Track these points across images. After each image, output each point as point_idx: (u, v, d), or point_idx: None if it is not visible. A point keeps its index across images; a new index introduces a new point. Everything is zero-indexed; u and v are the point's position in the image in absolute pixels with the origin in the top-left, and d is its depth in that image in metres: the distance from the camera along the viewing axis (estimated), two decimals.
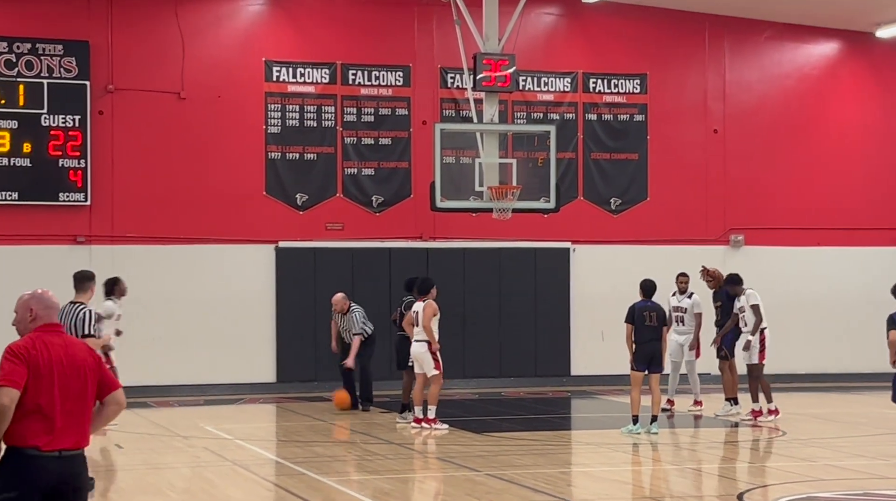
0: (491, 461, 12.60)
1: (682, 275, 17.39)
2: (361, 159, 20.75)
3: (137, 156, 19.78)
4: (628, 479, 12.24)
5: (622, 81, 21.80)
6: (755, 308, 15.99)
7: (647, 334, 14.72)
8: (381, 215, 20.83)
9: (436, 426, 15.03)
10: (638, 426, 14.63)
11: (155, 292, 19.61)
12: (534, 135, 19.69)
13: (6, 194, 19.04)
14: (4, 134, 18.99)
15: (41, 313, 6.16)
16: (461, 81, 20.10)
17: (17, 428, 5.89)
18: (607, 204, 21.77)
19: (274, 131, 20.39)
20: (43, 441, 5.90)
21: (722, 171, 22.21)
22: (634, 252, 21.48)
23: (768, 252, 22.15)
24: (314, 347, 19.90)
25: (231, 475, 11.91)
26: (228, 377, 19.93)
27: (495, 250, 21.04)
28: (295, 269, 20.24)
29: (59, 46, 19.23)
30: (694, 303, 17.17)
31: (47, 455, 5.91)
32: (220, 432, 15.23)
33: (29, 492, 5.89)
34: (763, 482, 11.70)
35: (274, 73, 20.38)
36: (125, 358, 19.05)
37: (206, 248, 19.99)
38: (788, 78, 22.66)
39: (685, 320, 17.19)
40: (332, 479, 11.43)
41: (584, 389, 20.62)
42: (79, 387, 6.01)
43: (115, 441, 14.16)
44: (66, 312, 11.05)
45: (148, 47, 19.89)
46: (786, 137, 22.51)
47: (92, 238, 19.50)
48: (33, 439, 5.90)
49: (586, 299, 21.19)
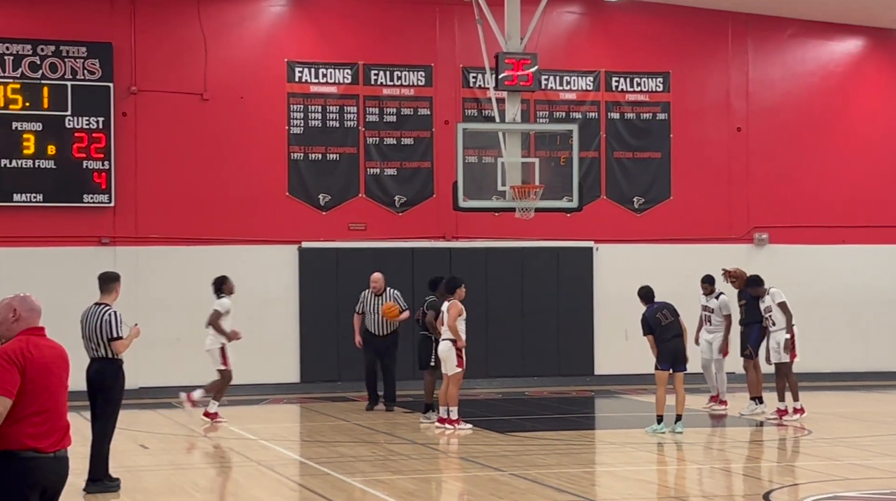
0: (515, 460, 12.59)
1: (704, 283, 17.24)
2: (384, 159, 20.77)
3: (161, 157, 19.85)
4: (653, 479, 12.21)
5: (645, 80, 21.75)
6: (783, 306, 15.90)
7: (667, 332, 14.68)
8: (404, 214, 20.84)
9: (459, 427, 15.03)
10: (662, 426, 14.59)
11: (178, 293, 19.68)
12: (556, 134, 19.66)
13: (31, 195, 19.14)
14: (29, 136, 19.08)
15: (25, 315, 6.08)
16: (483, 80, 20.08)
17: (14, 431, 5.84)
18: (630, 203, 21.72)
19: (296, 132, 20.43)
20: (41, 443, 5.88)
21: (745, 169, 22.13)
22: (658, 251, 21.43)
23: (792, 250, 22.05)
24: (337, 347, 19.92)
25: (256, 475, 11.94)
26: (252, 378, 19.95)
27: (518, 249, 21.02)
28: (318, 269, 20.27)
29: (83, 48, 19.32)
30: (721, 304, 17.09)
31: (45, 456, 5.89)
32: (244, 432, 15.26)
33: (28, 496, 5.85)
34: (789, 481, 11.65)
35: (296, 73, 20.42)
36: (150, 359, 19.19)
37: (230, 248, 20.05)
38: (812, 75, 22.56)
39: (712, 319, 17.13)
40: (357, 479, 11.44)
41: (607, 388, 20.57)
42: (64, 389, 6.06)
43: (141, 442, 14.22)
44: (91, 313, 11.06)
45: (171, 49, 19.96)
46: (809, 135, 22.41)
47: (116, 239, 19.58)
48: (32, 441, 5.87)
49: (610, 299, 21.14)
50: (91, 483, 10.93)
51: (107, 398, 10.94)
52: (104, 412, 10.99)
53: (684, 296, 18.83)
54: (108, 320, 10.91)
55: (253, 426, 15.83)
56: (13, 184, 19.03)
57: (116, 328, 10.92)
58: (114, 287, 11.15)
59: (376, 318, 17.27)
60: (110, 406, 10.98)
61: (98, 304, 11.09)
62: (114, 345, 10.89)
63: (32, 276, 19.05)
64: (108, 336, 10.88)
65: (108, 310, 11.00)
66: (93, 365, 11.03)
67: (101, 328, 10.91)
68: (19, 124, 19.06)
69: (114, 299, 11.15)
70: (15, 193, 19.06)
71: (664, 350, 14.66)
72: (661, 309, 14.80)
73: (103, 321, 10.91)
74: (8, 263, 19.06)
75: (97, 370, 10.98)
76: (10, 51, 19.05)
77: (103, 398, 10.95)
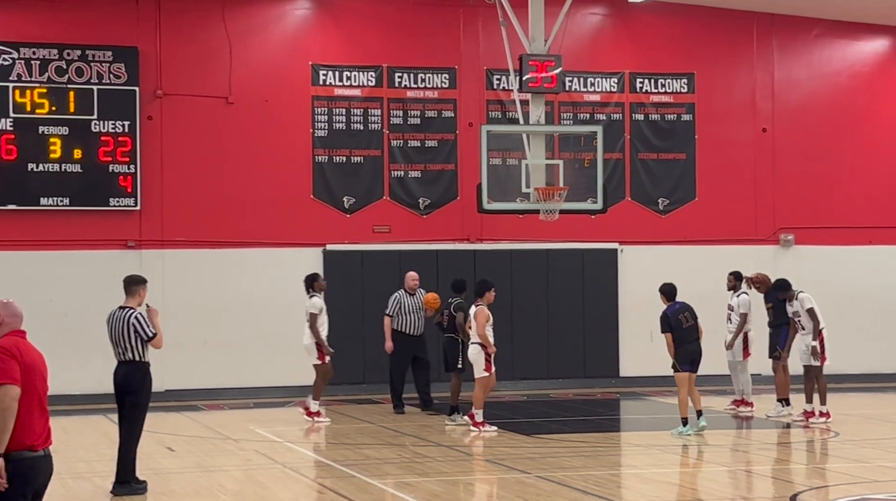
0: (541, 463, 12.57)
1: (729, 274, 17.27)
2: (408, 162, 20.78)
3: (186, 160, 19.93)
4: (679, 481, 12.16)
5: (669, 81, 21.69)
6: (811, 312, 15.79)
7: (686, 335, 14.65)
8: (428, 217, 20.85)
9: (484, 429, 15.01)
10: (689, 428, 14.54)
11: (204, 296, 19.75)
12: (580, 136, 19.63)
13: (58, 199, 19.24)
14: (56, 140, 19.19)
15: (8, 319, 6.30)
16: (507, 82, 20.07)
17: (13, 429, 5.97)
18: (655, 204, 21.66)
19: (321, 135, 20.47)
20: (35, 441, 6.01)
21: (771, 170, 22.04)
22: (683, 253, 21.36)
23: (819, 251, 21.94)
24: (362, 349, 19.94)
25: (282, 477, 11.96)
26: (278, 380, 20.01)
27: (542, 251, 21.00)
28: (342, 271, 20.30)
29: (109, 53, 19.41)
30: (741, 302, 17.02)
31: (38, 454, 6.02)
32: (270, 434, 15.30)
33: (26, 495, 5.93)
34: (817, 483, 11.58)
35: (320, 76, 20.46)
36: (176, 362, 19.25)
37: (255, 251, 20.11)
38: (838, 75, 22.45)
39: (732, 318, 17.07)
40: (382, 481, 11.45)
41: (632, 390, 20.52)
42: (46, 389, 6.29)
43: (167, 444, 14.27)
44: (116, 317, 11.10)
45: (196, 53, 20.04)
46: (835, 135, 22.30)
47: (142, 243, 19.67)
48: (29, 439, 5.99)
49: (635, 300, 21.08)
50: (118, 486, 10.97)
51: (134, 401, 10.99)
52: (131, 414, 11.04)
53: (709, 298, 18.81)
54: (134, 323, 10.94)
55: (279, 429, 15.87)
56: (40, 188, 19.14)
57: (147, 328, 10.96)
58: (137, 291, 11.16)
59: (413, 318, 17.23)
60: (137, 409, 11.03)
61: (122, 307, 11.13)
62: (153, 344, 10.97)
63: (59, 279, 19.18)
64: (143, 338, 10.94)
65: (133, 313, 11.04)
66: (120, 369, 11.08)
67: (128, 332, 10.95)
68: (46, 129, 19.17)
69: (138, 303, 11.18)
70: (42, 196, 19.17)
71: (683, 352, 14.63)
72: (682, 311, 14.76)
73: (130, 325, 10.95)
74: (35, 266, 19.17)
75: (125, 374, 11.02)
76: (36, 55, 19.17)
77: (131, 402, 11.01)
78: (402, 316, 17.29)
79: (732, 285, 17.18)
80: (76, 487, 11.46)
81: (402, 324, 17.29)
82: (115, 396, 11.15)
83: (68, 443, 14.76)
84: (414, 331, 17.25)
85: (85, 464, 12.94)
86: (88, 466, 12.80)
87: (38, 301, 19.12)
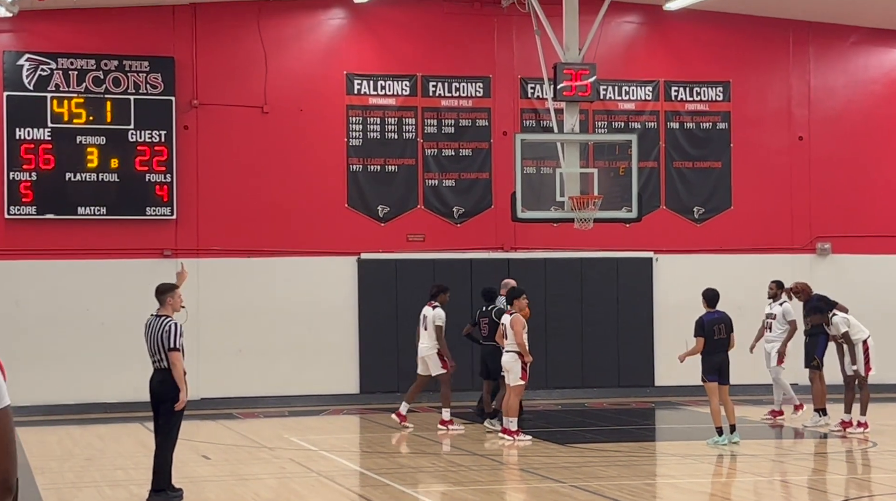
0: (575, 472, 12.53)
1: (772, 282, 17.20)
2: (442, 171, 20.80)
3: (222, 170, 20.03)
4: (715, 491, 12.09)
5: (705, 89, 21.61)
6: (846, 337, 15.64)
7: (715, 346, 14.59)
8: (462, 226, 20.86)
9: (519, 438, 14.99)
10: (724, 438, 14.47)
11: (239, 305, 19.83)
12: (615, 144, 19.56)
13: (95, 208, 19.38)
14: (93, 150, 19.34)
15: None
16: (541, 91, 20.05)
17: None
18: (690, 213, 21.57)
19: (355, 144, 20.53)
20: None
21: (807, 178, 21.90)
22: (718, 261, 21.25)
23: (855, 260, 21.77)
24: (397, 358, 19.96)
25: (316, 486, 11.98)
26: (312, 389, 20.07)
27: (577, 260, 20.94)
28: (377, 280, 20.33)
29: (146, 63, 19.55)
30: (785, 311, 16.94)
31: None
32: (304, 443, 15.33)
33: None
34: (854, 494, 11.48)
35: (355, 86, 20.52)
36: (212, 370, 19.34)
37: (290, 260, 20.17)
38: (875, 83, 22.29)
39: (773, 327, 16.97)
40: (417, 490, 11.44)
41: (668, 399, 20.42)
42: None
43: (202, 452, 14.33)
44: (152, 325, 11.15)
45: (231, 62, 20.15)
46: (872, 143, 22.14)
47: (178, 252, 19.77)
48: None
49: (670, 309, 20.98)
50: (154, 494, 11.02)
51: (169, 410, 11.04)
52: (167, 423, 11.09)
53: (745, 306, 18.72)
54: (167, 330, 10.99)
55: (313, 437, 15.90)
56: (77, 197, 19.29)
57: (174, 339, 10.98)
58: (166, 299, 11.17)
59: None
60: (173, 417, 11.08)
61: (158, 316, 11.17)
62: (170, 355, 10.96)
63: (96, 288, 19.31)
64: (167, 347, 10.96)
65: (169, 321, 11.07)
66: (156, 376, 11.13)
67: (162, 339, 11.00)
68: (83, 138, 19.33)
69: (173, 310, 11.20)
70: (79, 206, 19.32)
71: (710, 362, 14.57)
72: (719, 322, 14.69)
73: (164, 332, 11.00)
74: (72, 275, 19.32)
75: (160, 382, 11.07)
76: (74, 66, 19.33)
77: (165, 410, 11.05)
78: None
79: (774, 293, 17.10)
80: (113, 495, 11.53)
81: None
82: (151, 404, 11.21)
83: (105, 451, 14.86)
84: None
85: (122, 472, 13.02)
86: (125, 473, 12.88)
87: (75, 310, 19.28)
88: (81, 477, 12.65)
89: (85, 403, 19.11)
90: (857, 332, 15.70)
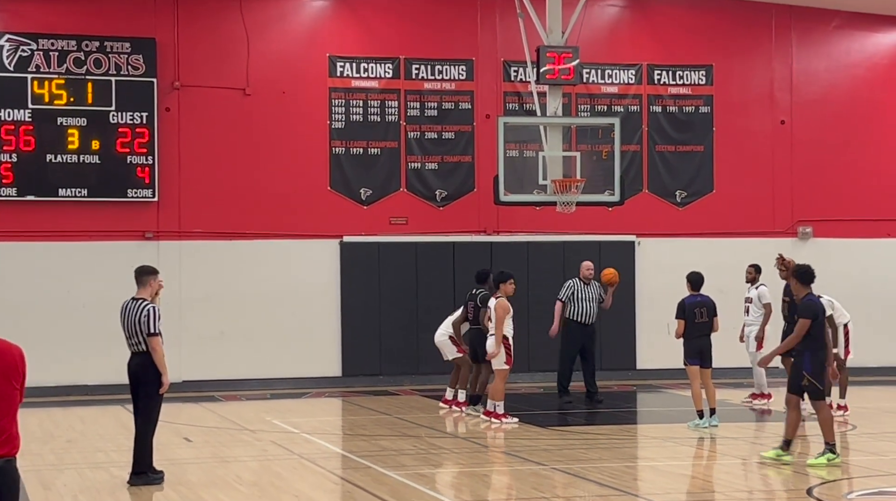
0: (556, 455, 12.57)
1: (750, 266, 17.20)
2: (425, 154, 20.78)
3: (203, 152, 19.97)
4: (695, 473, 12.15)
5: (687, 73, 21.63)
6: (829, 319, 15.64)
7: (697, 329, 14.60)
8: (445, 209, 20.85)
9: (506, 421, 15.01)
10: (704, 420, 14.53)
11: (221, 288, 19.81)
12: (598, 128, 19.59)
13: (76, 190, 19.31)
14: (74, 131, 19.25)
15: None
16: (524, 74, 20.05)
17: None
18: (672, 197, 21.61)
19: (338, 126, 20.49)
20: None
21: (789, 162, 21.96)
22: (700, 245, 21.30)
23: (837, 244, 21.87)
24: (379, 341, 19.97)
25: (298, 468, 11.99)
26: (294, 372, 20.07)
27: (559, 243, 20.96)
28: (359, 263, 20.32)
29: (127, 44, 19.46)
30: (760, 294, 16.96)
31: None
32: (286, 426, 15.33)
33: None
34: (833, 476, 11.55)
35: (338, 68, 20.47)
36: (193, 353, 19.32)
37: (272, 243, 20.15)
38: (857, 67, 22.34)
39: (750, 310, 17.01)
40: (398, 473, 11.46)
41: (649, 383, 20.49)
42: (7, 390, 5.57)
43: (184, 435, 14.32)
44: (129, 308, 11.09)
45: (213, 44, 20.07)
46: (854, 127, 22.20)
47: (160, 234, 19.72)
48: None
49: (652, 293, 21.04)
50: (135, 476, 11.01)
51: (148, 393, 11.00)
52: (146, 406, 11.06)
53: (727, 290, 18.77)
54: (146, 314, 10.94)
55: (295, 420, 15.90)
56: (58, 179, 19.21)
57: (154, 324, 10.93)
58: (148, 281, 11.12)
59: (586, 307, 17.27)
60: (152, 400, 11.05)
61: (135, 299, 11.12)
62: (150, 340, 10.92)
63: (76, 270, 19.26)
64: (146, 332, 10.92)
65: (147, 305, 11.00)
66: (133, 360, 11.09)
67: (139, 323, 10.95)
68: (64, 120, 19.24)
69: (150, 294, 11.15)
70: (60, 187, 19.24)
71: (691, 346, 14.60)
72: (700, 305, 14.71)
73: (142, 316, 10.94)
74: (53, 257, 19.26)
75: (138, 364, 11.04)
76: (54, 47, 19.23)
77: (144, 392, 11.02)
78: (575, 304, 17.33)
79: (752, 277, 17.10)
80: (94, 477, 11.51)
81: (575, 312, 17.32)
82: (130, 387, 11.18)
83: (85, 433, 14.84)
84: (586, 320, 17.34)
85: (103, 454, 13.01)
86: (106, 456, 12.86)
87: (55, 292, 19.23)
88: (62, 459, 12.63)
89: (66, 385, 19.06)
90: (839, 316, 15.75)
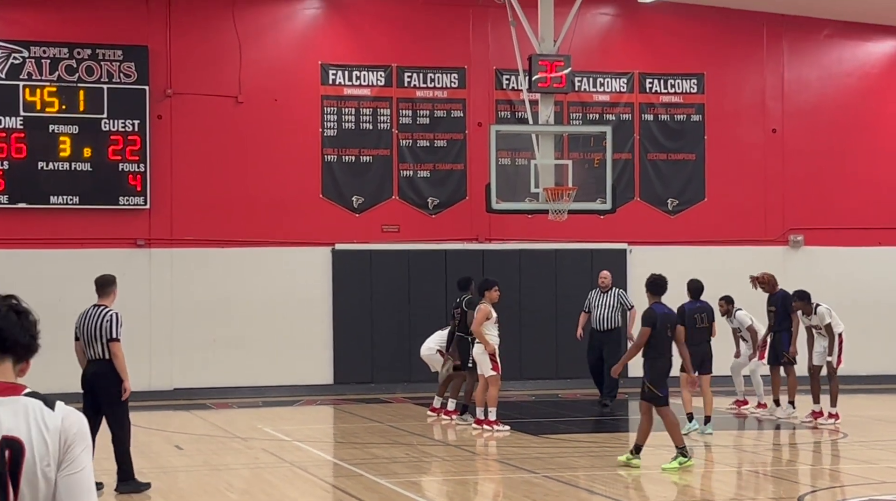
0: (548, 462, 12.57)
1: (721, 299, 16.93)
2: (417, 161, 20.79)
3: (195, 159, 19.96)
4: (686, 481, 12.15)
5: (679, 81, 21.67)
6: (828, 328, 15.66)
7: (697, 336, 14.62)
8: (437, 216, 20.86)
9: (497, 428, 15.01)
10: (694, 424, 14.54)
11: (213, 295, 19.78)
12: (590, 136, 19.61)
13: (67, 198, 19.29)
14: (65, 139, 19.23)
15: None
16: (516, 82, 20.07)
17: None
18: (664, 205, 21.64)
19: (330, 134, 20.49)
20: None
21: (781, 171, 22.01)
22: (692, 253, 21.32)
23: (828, 252, 21.90)
24: (371, 348, 19.96)
25: (289, 476, 11.98)
26: (286, 379, 20.05)
27: (551, 251, 20.99)
28: (351, 271, 20.32)
29: (119, 52, 19.46)
30: (740, 321, 16.83)
31: None
32: (278, 433, 15.32)
33: None
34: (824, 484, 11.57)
35: (330, 76, 20.48)
36: (185, 360, 19.29)
37: (264, 250, 20.14)
38: (848, 76, 22.41)
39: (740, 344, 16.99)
40: (390, 480, 11.46)
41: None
42: None
43: (175, 443, 14.29)
44: (90, 315, 11.03)
45: (206, 52, 20.07)
46: (845, 136, 22.26)
47: (151, 241, 19.70)
48: None
49: (643, 301, 20.97)
50: (122, 484, 10.96)
51: (111, 401, 10.86)
52: (114, 413, 10.91)
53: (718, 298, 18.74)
54: (109, 320, 10.89)
55: (286, 428, 15.89)
56: (50, 186, 19.19)
57: (116, 330, 10.90)
58: (111, 290, 11.16)
59: (600, 313, 17.84)
60: (119, 407, 10.91)
61: (97, 306, 11.07)
62: (111, 346, 10.87)
63: (68, 277, 19.21)
64: (108, 338, 10.85)
65: (110, 311, 10.98)
66: (90, 368, 10.98)
67: (100, 329, 10.90)
68: (56, 127, 19.22)
69: (111, 302, 11.15)
70: (52, 195, 19.22)
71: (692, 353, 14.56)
72: (700, 311, 14.73)
73: (104, 322, 10.90)
74: (44, 264, 19.22)
75: (96, 373, 10.93)
76: (46, 54, 19.22)
77: (108, 401, 10.88)
78: (592, 312, 18.00)
79: (725, 309, 16.86)
80: None
81: (592, 319, 17.97)
82: (85, 396, 10.99)
83: None
84: (599, 327, 17.89)
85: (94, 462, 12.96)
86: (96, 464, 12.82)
87: (47, 300, 19.16)
88: None
89: (57, 392, 18.93)
90: (835, 325, 15.76)
